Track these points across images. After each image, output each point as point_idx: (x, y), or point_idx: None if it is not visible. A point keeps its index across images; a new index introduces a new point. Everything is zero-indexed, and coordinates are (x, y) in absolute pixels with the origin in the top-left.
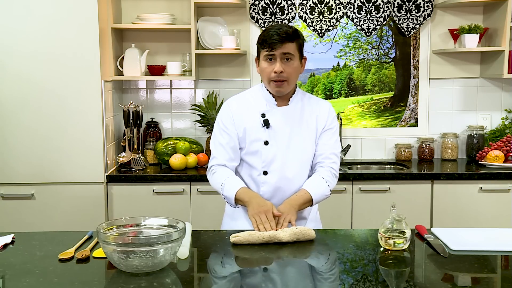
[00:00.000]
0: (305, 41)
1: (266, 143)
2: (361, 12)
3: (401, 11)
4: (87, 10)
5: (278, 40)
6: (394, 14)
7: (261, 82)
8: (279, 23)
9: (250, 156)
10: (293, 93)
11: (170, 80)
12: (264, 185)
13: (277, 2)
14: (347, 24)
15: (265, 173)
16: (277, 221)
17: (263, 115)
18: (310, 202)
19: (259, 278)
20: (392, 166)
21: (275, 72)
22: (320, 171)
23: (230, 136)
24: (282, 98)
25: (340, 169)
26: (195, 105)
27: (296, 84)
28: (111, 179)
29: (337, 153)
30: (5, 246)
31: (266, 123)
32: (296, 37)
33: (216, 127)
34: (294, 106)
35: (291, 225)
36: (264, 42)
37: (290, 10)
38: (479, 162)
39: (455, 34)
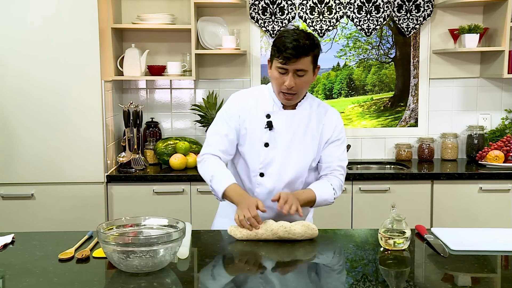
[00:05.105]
0: (321, 50)
1: (266, 145)
2: (361, 12)
3: (401, 11)
4: (87, 10)
5: (293, 55)
6: (394, 14)
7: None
8: (297, 28)
9: (249, 155)
10: (302, 98)
11: (170, 80)
12: (259, 186)
13: (277, 2)
14: (347, 24)
15: (261, 175)
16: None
17: (267, 116)
18: (312, 202)
19: (260, 278)
20: (392, 166)
21: (285, 85)
22: (330, 178)
23: (231, 128)
24: None
25: None
26: (195, 105)
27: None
28: (111, 179)
29: (344, 165)
30: (5, 246)
31: (269, 125)
32: (312, 49)
33: (219, 116)
34: (301, 111)
35: (298, 214)
36: (279, 52)
37: (290, 10)
38: (479, 162)
39: (455, 34)
